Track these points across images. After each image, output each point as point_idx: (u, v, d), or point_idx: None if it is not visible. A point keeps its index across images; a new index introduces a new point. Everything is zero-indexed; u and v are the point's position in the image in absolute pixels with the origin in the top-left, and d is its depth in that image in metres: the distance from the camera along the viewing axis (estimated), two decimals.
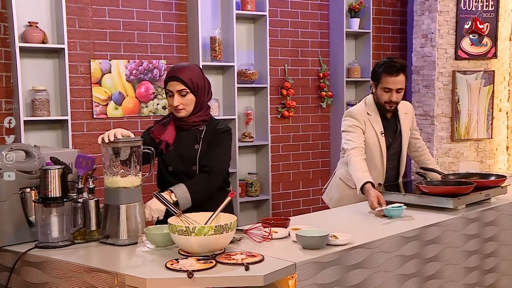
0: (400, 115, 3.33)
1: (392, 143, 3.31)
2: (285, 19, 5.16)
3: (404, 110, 3.36)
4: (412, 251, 2.47)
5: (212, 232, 2.01)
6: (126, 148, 2.30)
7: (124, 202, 2.26)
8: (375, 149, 3.24)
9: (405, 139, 3.34)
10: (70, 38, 4.18)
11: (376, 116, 3.25)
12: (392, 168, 3.36)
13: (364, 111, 3.27)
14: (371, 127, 3.23)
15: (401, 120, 3.33)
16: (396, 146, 3.34)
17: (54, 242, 2.19)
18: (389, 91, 3.16)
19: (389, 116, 3.31)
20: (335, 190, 3.47)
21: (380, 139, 3.24)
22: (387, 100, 3.18)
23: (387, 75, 3.14)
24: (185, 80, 2.62)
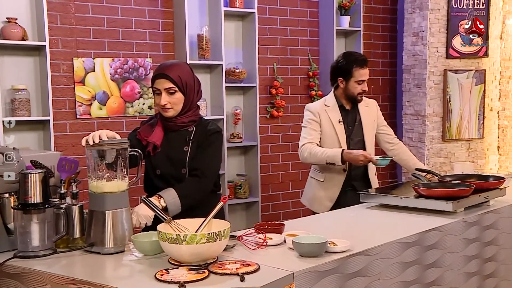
0: (359, 106, 3.52)
1: (353, 131, 3.49)
2: (274, 17, 5.05)
3: (364, 103, 3.55)
4: (412, 257, 2.37)
5: (204, 240, 1.89)
6: (112, 150, 2.17)
7: (110, 208, 2.13)
8: (332, 136, 3.42)
9: (366, 128, 3.51)
10: (52, 35, 4.03)
11: (334, 107, 3.47)
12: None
13: (322, 103, 3.51)
14: (327, 117, 3.44)
15: (361, 111, 3.52)
16: (358, 134, 3.49)
17: (34, 251, 2.06)
18: (362, 83, 3.42)
19: (349, 107, 3.50)
20: (308, 189, 3.68)
21: (337, 126, 3.43)
22: (360, 91, 3.42)
23: (360, 69, 3.39)
24: (173, 78, 2.49)
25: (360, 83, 3.40)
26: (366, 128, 3.50)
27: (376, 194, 2.98)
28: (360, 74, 3.38)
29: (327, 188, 3.48)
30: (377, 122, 3.58)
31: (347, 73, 3.41)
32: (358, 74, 3.38)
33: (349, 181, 3.46)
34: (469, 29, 4.91)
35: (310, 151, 3.37)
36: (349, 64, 3.41)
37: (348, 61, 3.42)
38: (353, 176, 3.47)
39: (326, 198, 3.49)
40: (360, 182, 3.48)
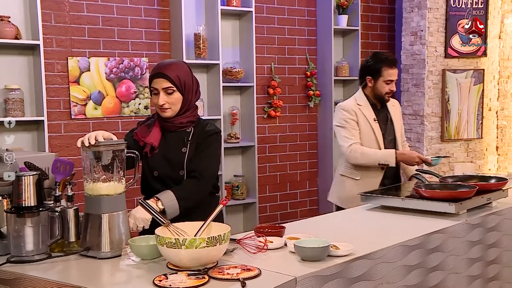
0: (388, 105, 3.56)
1: (386, 130, 3.51)
2: (272, 16, 5.00)
3: (391, 103, 3.59)
4: (416, 260, 2.32)
5: (204, 244, 1.83)
6: (108, 152, 2.11)
7: (106, 211, 2.07)
8: (370, 136, 3.43)
9: (397, 127, 3.56)
10: (46, 34, 3.96)
11: (367, 105, 3.48)
12: None
13: (354, 102, 3.50)
14: (362, 115, 3.44)
15: (390, 110, 3.56)
16: (390, 133, 3.53)
17: (28, 255, 1.99)
18: (391, 83, 3.43)
19: (379, 106, 3.52)
20: (340, 187, 3.62)
21: (374, 125, 3.44)
22: (388, 91, 3.43)
23: (389, 68, 3.41)
24: (171, 77, 2.43)
25: (388, 83, 3.42)
26: (396, 127, 3.56)
27: (377, 196, 2.92)
28: (388, 73, 3.40)
29: (363, 186, 3.38)
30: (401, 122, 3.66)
31: (376, 72, 3.43)
32: (387, 74, 3.40)
33: (384, 179, 3.46)
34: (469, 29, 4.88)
35: (362, 152, 3.38)
36: (378, 64, 3.43)
37: (377, 61, 3.45)
38: (388, 176, 3.48)
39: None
40: (392, 180, 3.48)
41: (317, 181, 5.35)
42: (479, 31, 4.94)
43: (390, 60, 3.44)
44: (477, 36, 4.98)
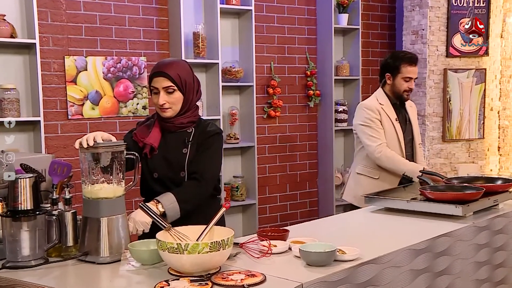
0: (406, 106, 3.56)
1: (405, 130, 3.50)
2: (271, 14, 4.94)
3: (408, 104, 3.59)
4: (423, 265, 2.26)
5: (207, 249, 1.77)
6: (107, 153, 2.05)
7: (105, 215, 2.01)
8: (393, 135, 3.42)
9: (415, 127, 3.56)
10: (42, 33, 3.89)
11: (388, 105, 3.46)
12: (409, 155, 3.51)
13: (376, 102, 3.48)
14: (385, 115, 3.43)
15: (408, 111, 3.55)
16: (409, 134, 3.52)
17: (24, 261, 1.93)
18: (410, 80, 3.41)
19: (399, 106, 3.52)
20: (356, 186, 3.57)
21: (396, 125, 3.44)
22: (407, 88, 3.42)
23: (408, 65, 3.40)
24: (172, 76, 2.37)
25: (407, 80, 3.40)
26: (414, 127, 3.55)
27: (381, 197, 2.87)
28: (407, 70, 3.39)
29: (382, 186, 3.36)
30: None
31: (394, 69, 3.42)
32: (406, 71, 3.39)
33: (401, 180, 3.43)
34: (469, 29, 4.84)
35: (390, 156, 3.37)
36: (397, 61, 3.43)
37: (396, 58, 3.45)
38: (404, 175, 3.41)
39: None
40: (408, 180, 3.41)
41: (317, 182, 5.29)
42: (479, 31, 4.90)
43: (409, 57, 3.43)
44: (477, 36, 4.94)
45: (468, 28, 4.84)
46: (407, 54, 3.50)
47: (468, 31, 4.82)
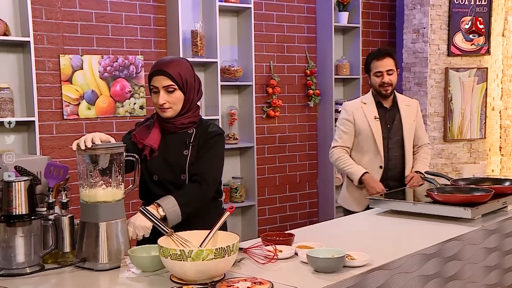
0: (400, 105, 3.47)
1: (391, 129, 3.44)
2: (270, 13, 4.86)
3: (406, 103, 3.52)
4: (433, 270, 2.18)
5: (211, 256, 1.69)
6: (106, 155, 1.96)
7: (104, 219, 1.93)
8: (367, 134, 3.40)
9: (406, 127, 3.44)
10: (36, 31, 3.80)
11: (371, 104, 3.44)
12: (397, 156, 3.44)
13: (359, 101, 3.52)
14: (362, 114, 3.42)
15: (402, 110, 3.46)
16: (398, 134, 3.44)
17: (19, 268, 1.86)
18: (381, 74, 3.37)
19: (388, 105, 3.46)
20: (344, 189, 3.60)
21: (373, 124, 3.39)
22: (380, 83, 3.37)
23: (375, 60, 3.39)
24: (173, 74, 2.28)
25: (378, 74, 3.37)
26: (406, 127, 3.45)
27: (387, 200, 2.80)
28: (375, 65, 3.38)
29: (363, 187, 3.40)
30: (416, 123, 3.52)
31: (367, 68, 3.47)
32: (374, 66, 3.39)
33: (386, 181, 3.38)
34: (469, 29, 4.78)
35: (337, 157, 3.46)
36: (368, 59, 3.47)
37: (368, 56, 3.48)
38: (390, 176, 3.41)
39: (363, 198, 3.39)
40: (398, 182, 3.38)
41: (317, 183, 5.21)
42: (479, 31, 4.84)
43: (376, 52, 3.45)
44: (478, 36, 4.88)
45: (468, 28, 4.78)
46: (376, 50, 3.54)
47: (468, 31, 4.76)
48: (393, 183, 3.37)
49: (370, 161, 3.41)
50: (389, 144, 3.41)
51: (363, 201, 3.44)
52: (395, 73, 3.40)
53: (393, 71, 3.39)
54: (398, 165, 3.43)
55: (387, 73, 3.36)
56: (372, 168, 3.40)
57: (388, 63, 3.37)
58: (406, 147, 3.43)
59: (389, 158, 3.41)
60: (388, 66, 3.36)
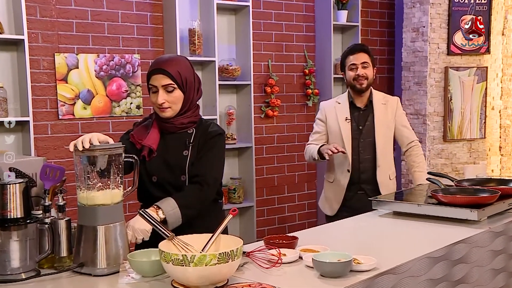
0: (375, 104, 3.36)
1: (362, 131, 3.33)
2: (269, 11, 4.79)
3: (382, 101, 3.39)
4: (441, 274, 2.13)
5: (215, 261, 1.63)
6: (104, 156, 1.89)
7: (102, 223, 1.87)
8: (336, 135, 3.34)
9: (379, 129, 3.32)
10: (31, 29, 3.72)
11: (345, 104, 3.37)
12: (369, 159, 3.33)
13: (334, 100, 3.48)
14: (334, 114, 3.36)
15: (376, 109, 3.35)
16: (369, 135, 3.33)
17: (14, 273, 1.79)
18: (355, 67, 3.29)
19: (362, 104, 3.36)
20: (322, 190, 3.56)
21: (342, 125, 3.32)
22: (354, 76, 3.29)
23: (350, 55, 3.33)
24: (172, 73, 2.22)
25: (352, 67, 3.30)
26: (378, 128, 3.32)
27: (390, 201, 2.74)
28: (349, 59, 3.32)
29: (335, 189, 3.39)
30: (395, 122, 3.37)
31: (342, 66, 3.40)
32: (348, 60, 3.33)
33: (358, 184, 3.32)
34: (469, 29, 4.74)
35: (306, 152, 3.41)
36: (343, 55, 3.41)
37: (343, 53, 3.43)
38: (363, 179, 3.33)
39: (334, 200, 3.38)
40: (370, 185, 3.31)
41: (316, 184, 5.16)
42: (479, 31, 4.80)
43: (351, 48, 3.39)
44: (478, 36, 4.84)
45: (468, 28, 4.74)
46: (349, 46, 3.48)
47: (468, 31, 4.72)
48: (368, 187, 3.30)
49: (339, 163, 3.33)
50: (359, 146, 3.31)
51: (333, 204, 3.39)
52: (370, 68, 3.32)
53: (369, 65, 3.31)
54: (370, 167, 3.32)
55: (361, 65, 3.28)
56: (340, 171, 3.33)
57: (363, 57, 3.30)
58: (378, 149, 3.30)
59: (360, 161, 3.31)
60: (362, 59, 3.30)
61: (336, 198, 3.37)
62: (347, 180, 3.32)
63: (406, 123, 3.44)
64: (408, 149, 3.40)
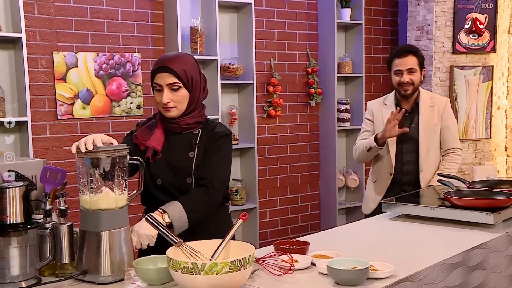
0: (421, 106, 3.29)
1: (407, 133, 3.24)
2: (271, 9, 4.71)
3: (429, 102, 3.31)
4: (458, 280, 2.05)
5: (226, 269, 1.55)
6: (108, 158, 1.80)
7: (106, 228, 1.79)
8: None
9: (423, 131, 3.27)
10: (29, 27, 3.63)
11: (391, 106, 3.31)
12: (411, 162, 3.30)
13: (381, 101, 3.41)
14: (381, 115, 3.31)
15: (421, 112, 3.29)
16: (413, 138, 3.29)
17: (14, 282, 1.71)
18: (400, 73, 3.23)
19: (408, 107, 3.30)
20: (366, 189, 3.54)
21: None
22: (399, 82, 3.23)
23: (396, 58, 3.25)
24: (177, 71, 2.13)
25: (397, 73, 3.24)
26: (422, 132, 3.27)
27: (401, 204, 2.65)
28: (395, 63, 3.25)
29: (376, 189, 3.37)
30: (440, 124, 3.31)
31: (389, 65, 3.33)
32: (394, 64, 3.26)
33: (401, 186, 3.28)
34: (469, 29, 4.67)
35: (356, 148, 3.37)
36: (390, 56, 3.35)
37: (390, 54, 3.38)
38: (405, 181, 3.28)
39: (372, 200, 3.36)
40: (413, 187, 3.24)
41: (319, 185, 5.07)
42: (479, 31, 4.73)
43: (398, 50, 3.31)
44: (478, 36, 4.77)
45: (468, 28, 4.67)
46: (398, 47, 3.43)
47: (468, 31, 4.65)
48: (409, 189, 3.24)
49: (382, 165, 3.33)
50: (404, 149, 3.28)
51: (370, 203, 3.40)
52: (417, 72, 3.23)
53: (415, 70, 3.22)
54: (413, 170, 3.29)
55: (407, 72, 3.20)
56: (383, 171, 3.31)
57: (409, 62, 3.21)
58: (421, 153, 3.26)
59: (403, 163, 3.28)
60: (409, 64, 3.20)
61: (375, 197, 3.34)
62: (388, 182, 3.30)
63: (452, 128, 3.36)
64: (445, 155, 3.34)
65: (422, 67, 3.28)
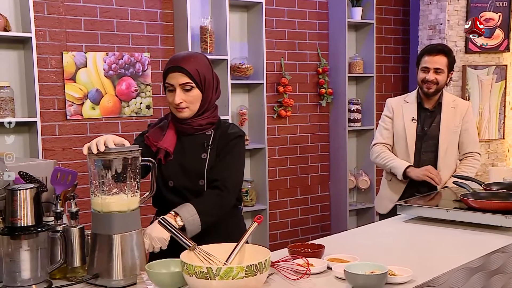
0: (443, 107, 3.26)
1: (427, 132, 3.26)
2: (281, 8, 4.67)
3: (452, 104, 3.28)
4: (478, 285, 2.00)
5: (242, 274, 1.51)
6: (119, 160, 1.77)
7: (118, 231, 1.75)
8: (401, 134, 3.28)
9: (444, 131, 3.23)
10: (38, 26, 3.60)
11: (412, 104, 3.29)
12: (430, 161, 3.25)
13: (402, 98, 3.38)
14: (401, 113, 3.29)
15: (444, 112, 3.25)
16: (433, 137, 3.25)
17: (25, 285, 1.67)
18: (426, 70, 3.19)
19: (430, 106, 3.27)
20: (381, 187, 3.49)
21: (408, 125, 3.26)
22: (423, 79, 3.20)
23: (426, 55, 3.21)
24: (190, 71, 2.09)
25: (424, 70, 3.19)
26: (443, 132, 3.23)
27: (417, 206, 2.61)
28: (424, 60, 3.21)
29: (392, 188, 3.34)
30: (461, 127, 3.27)
31: (418, 61, 3.29)
32: (423, 61, 3.22)
33: (415, 186, 3.22)
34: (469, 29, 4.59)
35: (379, 154, 3.33)
36: (420, 52, 3.31)
37: (422, 50, 3.33)
38: (422, 182, 3.19)
39: (389, 199, 3.32)
40: (428, 188, 3.17)
41: (329, 185, 5.03)
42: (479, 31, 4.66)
43: (430, 47, 3.27)
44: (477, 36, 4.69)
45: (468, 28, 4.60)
46: (431, 45, 3.38)
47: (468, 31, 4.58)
48: (426, 190, 3.17)
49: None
50: (422, 148, 3.25)
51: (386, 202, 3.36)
52: (445, 73, 3.19)
53: (443, 71, 3.17)
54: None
55: (434, 70, 3.16)
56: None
57: (439, 61, 3.16)
58: (440, 153, 3.23)
59: (421, 162, 3.24)
60: (438, 64, 3.16)
61: (392, 197, 3.30)
62: (406, 182, 3.27)
63: (471, 131, 3.32)
64: (463, 158, 3.30)
65: (451, 69, 3.23)
